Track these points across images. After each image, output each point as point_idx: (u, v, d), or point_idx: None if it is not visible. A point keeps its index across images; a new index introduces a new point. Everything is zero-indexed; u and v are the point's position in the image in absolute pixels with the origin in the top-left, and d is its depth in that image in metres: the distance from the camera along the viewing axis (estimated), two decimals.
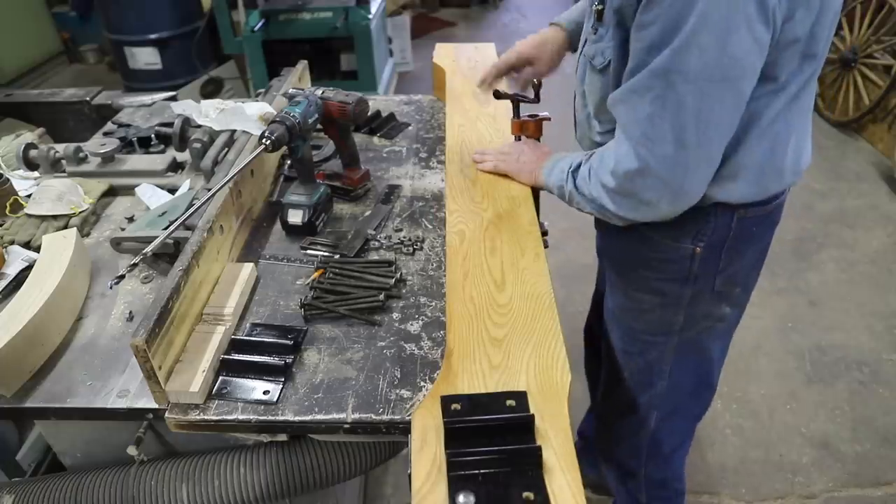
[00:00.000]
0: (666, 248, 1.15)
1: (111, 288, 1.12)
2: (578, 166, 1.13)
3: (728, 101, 0.90)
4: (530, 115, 1.39)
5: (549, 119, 1.39)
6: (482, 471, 0.78)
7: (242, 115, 1.45)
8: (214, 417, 0.91)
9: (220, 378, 0.96)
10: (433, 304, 1.09)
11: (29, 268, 1.14)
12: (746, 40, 0.85)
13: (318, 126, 1.29)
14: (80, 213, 1.32)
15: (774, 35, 0.88)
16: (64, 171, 1.47)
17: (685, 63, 0.87)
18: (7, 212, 1.33)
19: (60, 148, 1.48)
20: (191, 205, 1.19)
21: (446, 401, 0.86)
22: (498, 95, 1.41)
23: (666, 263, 1.17)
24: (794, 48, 0.92)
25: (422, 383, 0.94)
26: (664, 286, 1.20)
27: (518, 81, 1.44)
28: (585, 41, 1.14)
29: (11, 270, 1.17)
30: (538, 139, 1.39)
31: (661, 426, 1.40)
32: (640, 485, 1.52)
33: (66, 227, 1.29)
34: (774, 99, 0.97)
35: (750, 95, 0.94)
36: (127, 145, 1.56)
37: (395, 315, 1.07)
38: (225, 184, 1.11)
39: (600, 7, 1.02)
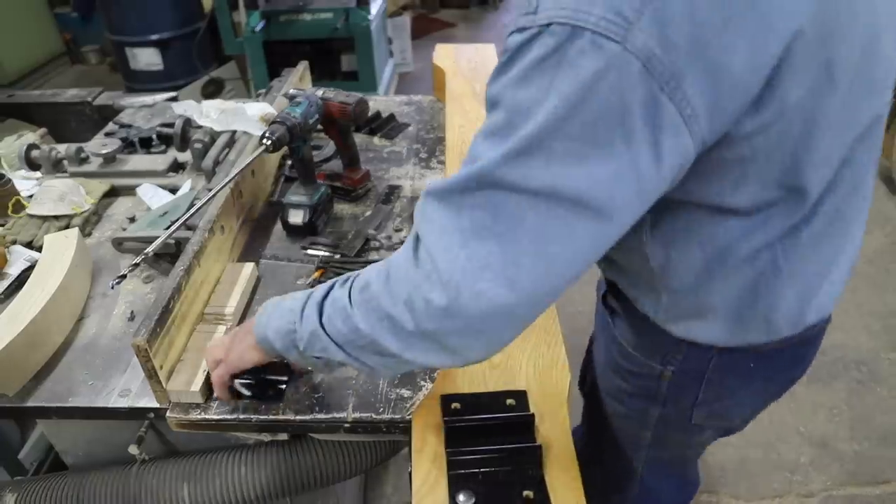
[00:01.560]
0: (634, 360, 0.93)
1: (112, 288, 1.12)
2: (326, 296, 0.75)
3: (584, 231, 0.60)
4: None
5: None
6: (482, 470, 0.79)
7: (243, 116, 1.46)
8: (215, 417, 0.91)
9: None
10: None
11: (31, 268, 1.14)
12: (622, 160, 0.57)
13: (319, 126, 1.29)
14: (81, 213, 1.33)
15: (686, 155, 0.59)
16: (66, 172, 1.48)
17: (525, 173, 0.58)
18: (9, 212, 1.33)
19: (62, 148, 1.49)
20: (192, 205, 1.19)
21: (446, 400, 0.87)
22: None
23: (630, 375, 0.95)
24: (753, 170, 0.65)
25: (422, 382, 0.95)
26: (629, 399, 0.98)
27: None
28: None
29: (13, 270, 1.17)
30: None
31: None
32: None
33: (67, 227, 1.29)
34: (751, 232, 0.71)
35: (712, 221, 0.70)
36: (128, 146, 1.57)
37: None
38: (226, 184, 1.11)
39: None
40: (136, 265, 0.96)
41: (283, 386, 0.94)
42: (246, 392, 0.93)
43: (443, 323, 0.63)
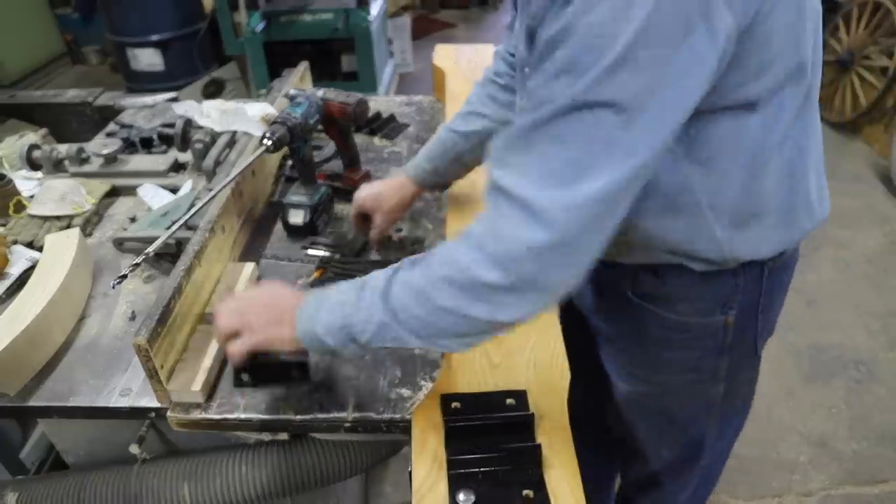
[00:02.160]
0: (690, 326, 0.93)
1: (113, 288, 1.13)
2: (389, 283, 0.74)
3: (662, 129, 0.64)
4: None
5: None
6: (482, 469, 0.79)
7: (244, 116, 1.46)
8: (216, 416, 0.92)
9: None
10: None
11: (32, 268, 1.15)
12: (684, 51, 0.61)
13: (319, 127, 1.29)
14: (82, 213, 1.33)
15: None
16: (67, 172, 1.48)
17: (616, 88, 0.60)
18: (10, 212, 1.34)
19: (63, 149, 1.49)
20: (192, 205, 1.19)
21: (446, 400, 0.87)
22: None
23: (692, 340, 0.95)
24: (768, 54, 0.70)
25: (422, 382, 0.95)
26: (695, 363, 0.98)
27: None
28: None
29: (15, 270, 1.17)
30: None
31: (698, 491, 1.23)
32: None
33: (68, 227, 1.30)
34: (774, 121, 0.76)
35: (740, 122, 0.74)
36: (129, 146, 1.57)
37: None
38: (226, 184, 1.12)
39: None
40: (137, 265, 0.96)
41: (306, 363, 0.94)
42: (266, 378, 0.94)
43: (545, 259, 0.65)
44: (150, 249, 0.98)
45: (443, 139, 1.17)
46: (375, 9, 3.54)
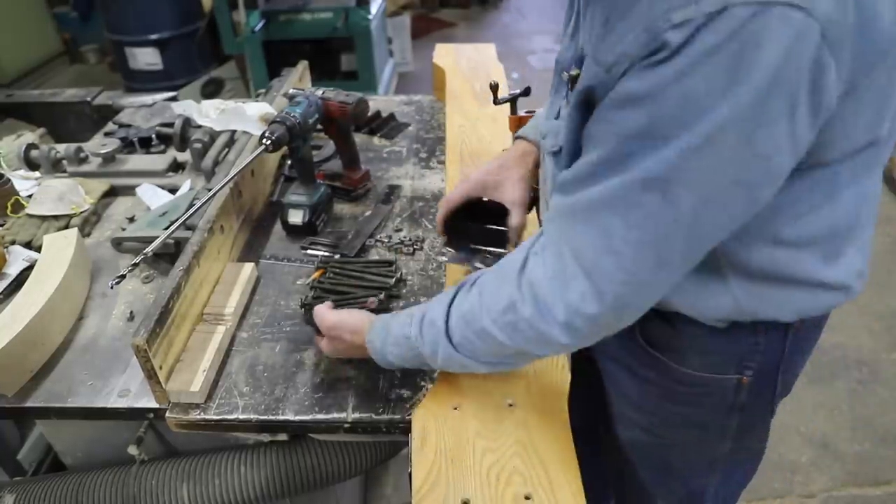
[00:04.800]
0: (699, 381, 0.87)
1: (112, 288, 1.12)
2: (447, 318, 0.80)
3: (737, 208, 0.63)
4: (528, 112, 1.39)
5: None
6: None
7: (243, 116, 1.45)
8: (215, 417, 0.91)
9: None
10: None
11: (30, 268, 1.14)
12: (782, 135, 0.57)
13: (319, 126, 1.29)
14: (80, 213, 1.33)
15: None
16: (65, 172, 1.48)
17: (692, 168, 0.58)
18: (8, 212, 1.33)
19: (61, 148, 1.49)
20: (191, 205, 1.19)
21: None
22: (497, 102, 1.41)
23: (701, 396, 0.88)
24: (854, 122, 0.64)
25: (422, 383, 0.95)
26: (702, 420, 0.91)
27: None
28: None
29: (13, 270, 1.17)
30: None
31: None
32: None
33: (66, 227, 1.29)
34: (834, 180, 0.70)
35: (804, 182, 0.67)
36: (128, 145, 1.57)
37: None
38: (225, 184, 1.11)
39: (576, 74, 0.71)
40: (136, 265, 0.96)
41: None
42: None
43: (598, 322, 0.69)
44: (149, 249, 0.97)
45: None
46: (375, 8, 3.54)
